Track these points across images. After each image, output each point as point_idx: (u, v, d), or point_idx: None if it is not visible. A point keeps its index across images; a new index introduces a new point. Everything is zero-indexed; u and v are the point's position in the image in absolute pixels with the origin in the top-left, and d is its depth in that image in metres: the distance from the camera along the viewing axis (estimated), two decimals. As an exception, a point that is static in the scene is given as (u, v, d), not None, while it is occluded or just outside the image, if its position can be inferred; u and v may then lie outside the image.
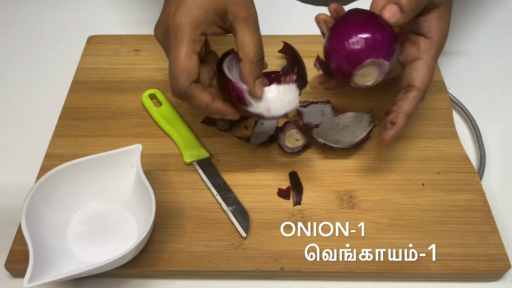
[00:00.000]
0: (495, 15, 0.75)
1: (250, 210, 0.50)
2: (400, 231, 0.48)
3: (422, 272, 0.46)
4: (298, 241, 0.47)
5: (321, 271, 0.46)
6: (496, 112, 0.62)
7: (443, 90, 0.61)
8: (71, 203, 0.48)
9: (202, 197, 0.51)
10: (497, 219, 0.50)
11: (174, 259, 0.46)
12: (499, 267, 0.46)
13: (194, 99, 0.45)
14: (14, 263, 0.46)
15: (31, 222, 0.44)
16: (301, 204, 0.50)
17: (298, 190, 0.51)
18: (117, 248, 0.46)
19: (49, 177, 0.46)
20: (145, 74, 0.63)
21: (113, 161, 0.49)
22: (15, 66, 0.68)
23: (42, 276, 0.41)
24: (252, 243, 0.47)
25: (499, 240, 0.48)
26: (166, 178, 0.52)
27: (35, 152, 0.56)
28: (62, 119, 0.58)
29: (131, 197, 0.49)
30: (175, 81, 0.44)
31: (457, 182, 0.52)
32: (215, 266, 0.46)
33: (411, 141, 0.56)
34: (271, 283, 0.47)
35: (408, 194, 0.51)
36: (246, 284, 0.47)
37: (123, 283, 0.47)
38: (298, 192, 0.51)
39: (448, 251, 0.47)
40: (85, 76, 0.63)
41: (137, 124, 0.58)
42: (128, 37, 0.69)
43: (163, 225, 0.49)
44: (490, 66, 0.68)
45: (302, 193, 0.51)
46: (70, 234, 0.47)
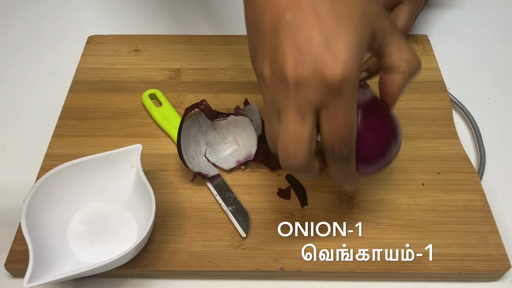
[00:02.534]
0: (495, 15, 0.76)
1: (250, 210, 0.50)
2: (400, 231, 0.48)
3: (422, 272, 0.46)
4: (298, 241, 0.47)
5: (321, 271, 0.46)
6: (496, 112, 0.62)
7: (443, 90, 0.61)
8: (71, 203, 0.48)
9: (202, 197, 0.51)
10: (497, 219, 0.50)
11: (174, 259, 0.46)
12: (499, 267, 0.46)
13: (314, 169, 0.38)
14: (14, 263, 0.46)
15: (31, 222, 0.44)
16: (308, 204, 0.50)
17: (301, 191, 0.51)
18: (117, 248, 0.46)
19: (49, 177, 0.46)
20: (145, 74, 0.63)
21: (113, 161, 0.49)
22: (15, 66, 0.68)
23: (42, 276, 0.41)
24: (252, 243, 0.47)
25: (499, 240, 0.48)
26: (166, 178, 0.52)
27: (35, 152, 0.56)
28: (62, 119, 0.58)
29: (131, 197, 0.49)
30: (299, 151, 0.35)
31: (457, 182, 0.52)
32: (215, 266, 0.46)
33: (411, 141, 0.56)
34: (271, 283, 0.47)
35: (408, 194, 0.51)
36: (246, 284, 0.47)
37: (123, 283, 0.47)
38: (302, 193, 0.51)
39: (448, 251, 0.47)
40: (85, 76, 0.63)
41: (137, 124, 0.58)
42: (128, 37, 0.69)
43: (163, 225, 0.49)
44: (490, 66, 0.68)
45: (306, 193, 0.51)
46: (70, 234, 0.47)
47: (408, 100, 0.60)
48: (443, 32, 0.72)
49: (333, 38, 0.32)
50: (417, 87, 0.62)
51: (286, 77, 0.33)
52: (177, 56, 0.66)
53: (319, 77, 0.32)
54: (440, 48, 0.69)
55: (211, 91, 0.61)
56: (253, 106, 0.55)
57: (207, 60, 0.65)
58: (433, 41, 0.69)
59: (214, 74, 0.63)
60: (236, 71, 0.64)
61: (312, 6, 0.33)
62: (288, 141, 0.35)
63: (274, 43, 0.33)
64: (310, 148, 0.35)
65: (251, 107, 0.55)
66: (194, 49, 0.67)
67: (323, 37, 0.32)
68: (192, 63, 0.65)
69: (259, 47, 0.35)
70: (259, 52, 0.35)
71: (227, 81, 0.62)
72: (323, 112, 0.34)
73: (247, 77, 0.63)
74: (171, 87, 0.62)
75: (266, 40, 0.34)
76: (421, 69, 0.37)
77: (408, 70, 0.37)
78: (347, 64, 0.32)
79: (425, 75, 0.63)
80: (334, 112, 0.33)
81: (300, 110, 0.33)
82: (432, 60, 0.65)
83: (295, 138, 0.34)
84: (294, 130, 0.34)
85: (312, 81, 0.32)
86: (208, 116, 0.53)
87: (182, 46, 0.67)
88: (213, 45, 0.68)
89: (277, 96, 0.34)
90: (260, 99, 0.59)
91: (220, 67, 0.64)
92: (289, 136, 0.34)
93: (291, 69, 0.32)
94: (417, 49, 0.67)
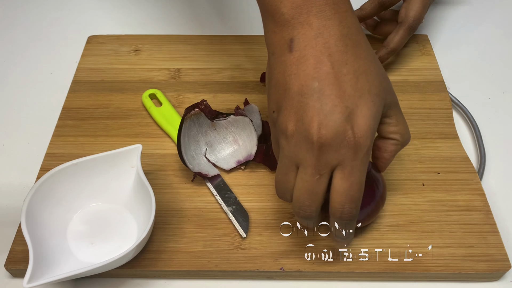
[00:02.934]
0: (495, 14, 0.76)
1: (250, 210, 0.50)
2: (400, 231, 0.48)
3: (422, 272, 0.46)
4: (298, 241, 0.47)
5: (321, 271, 0.46)
6: (496, 112, 0.62)
7: (443, 90, 0.61)
8: (71, 203, 0.48)
9: (202, 197, 0.51)
10: (497, 219, 0.50)
11: (174, 259, 0.46)
12: (499, 267, 0.46)
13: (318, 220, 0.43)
14: (14, 263, 0.46)
15: (31, 222, 0.44)
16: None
17: None
18: (117, 248, 0.46)
19: (49, 177, 0.46)
20: (145, 74, 0.63)
21: (113, 161, 0.49)
22: (15, 66, 0.68)
23: (42, 276, 0.41)
24: (252, 243, 0.47)
25: (499, 240, 0.48)
26: (166, 178, 0.52)
27: (35, 152, 0.56)
28: (62, 119, 0.58)
29: (131, 197, 0.49)
30: (313, 203, 0.39)
31: (457, 182, 0.52)
32: (215, 266, 0.46)
33: (411, 141, 0.54)
34: (271, 283, 0.47)
35: (408, 194, 0.51)
36: (246, 284, 0.47)
37: (123, 283, 0.47)
38: None
39: (448, 251, 0.47)
40: (85, 76, 0.63)
41: (137, 124, 0.58)
42: (128, 37, 0.69)
43: (163, 225, 0.49)
44: (490, 66, 0.68)
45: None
46: (70, 234, 0.47)
47: (408, 100, 0.60)
48: (443, 32, 0.72)
49: (354, 109, 0.37)
50: (417, 87, 0.62)
51: (311, 138, 0.37)
52: (177, 56, 0.66)
53: (341, 141, 0.36)
54: (440, 48, 0.69)
55: (211, 91, 0.61)
56: (253, 106, 0.55)
57: (207, 60, 0.65)
58: (433, 41, 0.69)
59: (214, 74, 0.63)
60: (236, 71, 0.64)
61: (337, 78, 0.37)
62: (306, 193, 0.39)
63: (301, 105, 0.37)
64: (322, 202, 0.40)
65: (251, 107, 0.55)
66: (194, 49, 0.67)
67: (346, 107, 0.37)
68: (192, 63, 0.65)
69: (285, 105, 0.38)
70: (284, 109, 0.38)
71: (227, 81, 0.62)
72: (339, 171, 0.38)
73: (246, 77, 0.63)
74: (171, 87, 0.62)
75: (293, 101, 0.38)
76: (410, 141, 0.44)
77: (401, 141, 0.43)
78: (365, 133, 0.37)
79: (425, 75, 0.63)
80: (349, 172, 0.37)
81: (320, 168, 0.37)
82: (432, 60, 0.65)
83: (312, 192, 0.38)
84: (312, 184, 0.38)
85: (333, 145, 0.36)
86: (208, 116, 0.53)
87: (182, 46, 0.67)
88: (213, 45, 0.68)
89: (298, 151, 0.38)
90: (260, 98, 0.60)
91: (220, 67, 0.64)
92: (306, 189, 0.39)
93: (316, 132, 0.36)
94: (417, 49, 0.67)
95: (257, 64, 0.65)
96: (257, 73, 0.63)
